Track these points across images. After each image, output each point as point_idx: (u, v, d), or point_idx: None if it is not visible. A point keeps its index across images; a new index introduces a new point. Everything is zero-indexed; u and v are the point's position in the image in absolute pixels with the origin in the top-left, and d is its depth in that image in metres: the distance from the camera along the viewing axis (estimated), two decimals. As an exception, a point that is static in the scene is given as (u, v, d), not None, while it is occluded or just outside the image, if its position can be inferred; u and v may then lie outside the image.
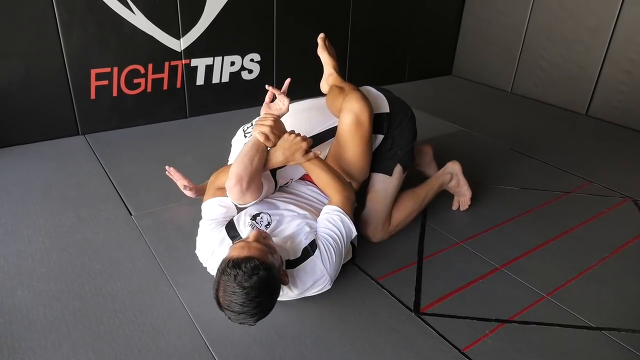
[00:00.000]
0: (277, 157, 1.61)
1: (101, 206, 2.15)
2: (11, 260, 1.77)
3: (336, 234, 1.55)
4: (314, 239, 1.53)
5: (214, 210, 1.65)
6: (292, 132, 1.64)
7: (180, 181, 2.11)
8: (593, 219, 2.26)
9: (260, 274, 1.26)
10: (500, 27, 4.13)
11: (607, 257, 1.98)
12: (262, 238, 1.40)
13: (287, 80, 1.75)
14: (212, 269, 1.60)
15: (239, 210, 1.65)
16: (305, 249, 1.51)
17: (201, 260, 1.66)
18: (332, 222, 1.57)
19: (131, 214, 2.10)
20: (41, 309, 1.54)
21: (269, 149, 1.61)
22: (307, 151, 1.62)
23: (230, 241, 1.54)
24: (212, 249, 1.56)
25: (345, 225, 1.57)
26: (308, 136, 1.78)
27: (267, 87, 1.75)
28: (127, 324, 1.50)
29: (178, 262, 1.79)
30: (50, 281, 1.67)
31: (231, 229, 1.58)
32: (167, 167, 2.12)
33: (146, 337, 1.45)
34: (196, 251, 1.67)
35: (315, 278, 1.50)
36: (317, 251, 1.50)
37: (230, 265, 1.28)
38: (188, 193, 2.11)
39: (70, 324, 1.49)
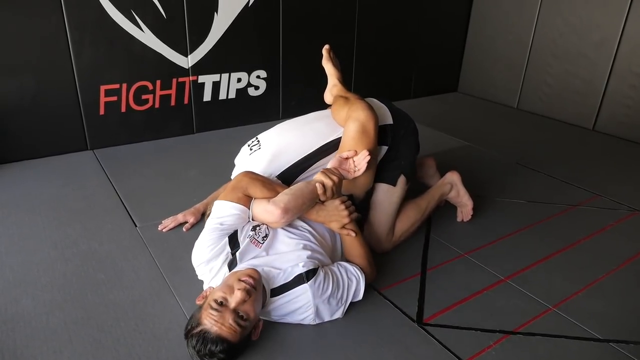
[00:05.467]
0: (318, 215, 1.63)
1: (107, 218, 2.17)
2: (16, 270, 1.79)
3: (344, 283, 1.56)
4: (316, 268, 1.51)
5: (228, 214, 1.55)
6: (346, 200, 1.65)
7: (177, 223, 2.10)
8: (600, 231, 2.24)
9: (222, 356, 1.27)
10: (505, 44, 4.16)
11: (614, 269, 1.95)
12: (242, 304, 1.33)
13: (366, 155, 1.71)
14: (202, 275, 1.59)
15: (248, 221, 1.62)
16: (299, 275, 1.48)
17: (193, 262, 1.59)
18: (348, 273, 1.59)
19: (136, 226, 2.11)
20: (44, 317, 1.55)
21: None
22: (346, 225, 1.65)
23: (229, 252, 1.52)
24: (209, 258, 1.53)
25: (357, 285, 1.60)
26: (314, 149, 1.80)
27: (352, 153, 1.73)
28: (129, 333, 1.50)
29: (181, 272, 1.80)
30: (54, 290, 1.68)
31: (233, 239, 1.56)
32: (160, 228, 2.08)
33: (147, 345, 1.45)
34: (193, 251, 1.60)
35: (299, 304, 1.48)
36: (312, 281, 1.47)
37: (198, 336, 1.28)
38: (192, 221, 2.10)
39: (72, 332, 1.49)
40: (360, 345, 1.49)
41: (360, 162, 1.71)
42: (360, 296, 1.61)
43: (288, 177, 1.76)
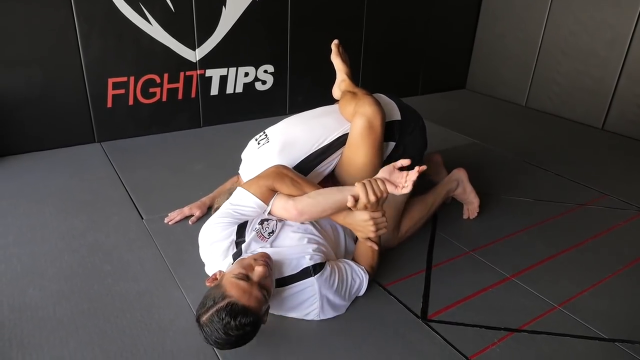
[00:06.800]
0: (345, 220, 1.59)
1: (113, 210, 2.18)
2: (24, 260, 1.80)
3: (347, 280, 1.58)
4: (323, 262, 1.52)
5: (245, 205, 1.55)
6: (380, 215, 1.54)
7: (183, 216, 2.11)
8: (608, 231, 2.22)
9: (248, 329, 1.27)
10: (515, 41, 4.13)
11: (621, 269, 1.94)
12: (265, 278, 1.35)
13: (422, 168, 1.50)
14: (204, 254, 1.60)
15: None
16: (306, 268, 1.49)
17: (200, 239, 1.59)
18: (353, 273, 1.61)
19: (142, 218, 2.13)
20: (51, 307, 1.56)
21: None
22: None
23: (234, 239, 1.53)
24: (213, 240, 1.54)
25: (360, 285, 1.63)
26: (320, 145, 1.79)
27: (407, 162, 1.52)
28: (134, 323, 1.51)
29: (186, 264, 1.81)
30: (60, 281, 1.70)
31: (242, 228, 1.56)
32: (167, 220, 2.09)
33: (152, 336, 1.46)
34: (202, 229, 1.58)
35: (305, 297, 1.49)
36: (320, 274, 1.48)
37: (227, 309, 1.25)
38: (198, 214, 2.11)
39: (79, 322, 1.51)
40: (364, 340, 1.49)
41: (410, 179, 1.49)
42: (361, 292, 1.65)
43: (299, 172, 1.75)
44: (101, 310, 1.56)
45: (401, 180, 1.50)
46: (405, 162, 1.50)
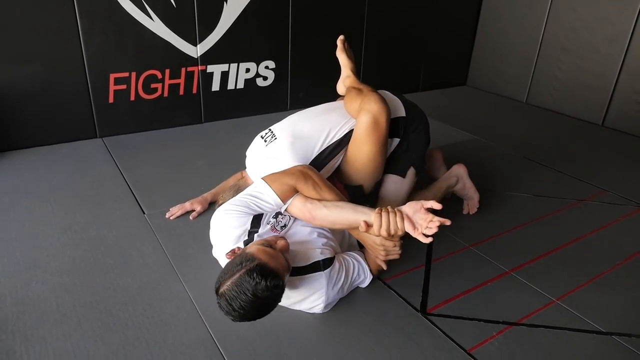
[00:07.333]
0: (359, 236, 1.65)
1: (115, 205, 2.19)
2: (27, 254, 1.82)
3: (352, 276, 1.62)
4: (332, 257, 1.56)
5: (264, 200, 1.55)
6: (392, 245, 1.57)
7: (184, 211, 2.12)
8: (607, 226, 2.23)
9: (275, 292, 1.30)
10: (516, 38, 4.13)
11: (619, 264, 1.95)
12: (286, 251, 1.41)
13: (445, 221, 1.43)
14: (215, 238, 1.61)
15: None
16: (317, 262, 1.52)
17: (212, 224, 1.60)
18: (359, 270, 1.66)
19: (144, 213, 2.14)
20: (53, 301, 1.58)
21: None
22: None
23: (248, 229, 1.54)
24: (227, 226, 1.55)
25: (363, 280, 1.68)
26: (330, 142, 1.80)
27: (439, 206, 1.46)
28: (136, 317, 1.52)
29: (188, 259, 1.82)
30: (63, 275, 1.71)
31: (256, 220, 1.58)
32: (168, 215, 2.10)
33: (154, 329, 1.48)
34: (218, 213, 1.58)
35: (312, 291, 1.51)
36: (329, 270, 1.53)
37: (258, 269, 1.27)
38: (199, 209, 2.12)
39: (81, 316, 1.52)
40: (364, 334, 1.51)
41: (431, 230, 1.43)
42: (363, 284, 1.70)
43: (314, 167, 1.76)
44: (103, 304, 1.58)
45: (423, 223, 1.43)
46: (437, 205, 1.43)
